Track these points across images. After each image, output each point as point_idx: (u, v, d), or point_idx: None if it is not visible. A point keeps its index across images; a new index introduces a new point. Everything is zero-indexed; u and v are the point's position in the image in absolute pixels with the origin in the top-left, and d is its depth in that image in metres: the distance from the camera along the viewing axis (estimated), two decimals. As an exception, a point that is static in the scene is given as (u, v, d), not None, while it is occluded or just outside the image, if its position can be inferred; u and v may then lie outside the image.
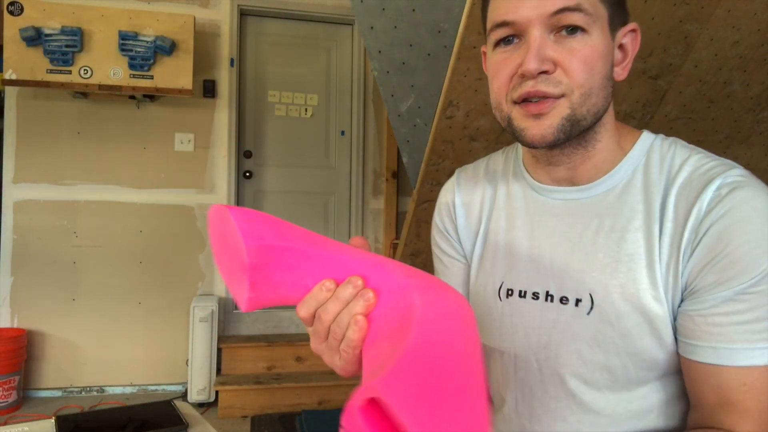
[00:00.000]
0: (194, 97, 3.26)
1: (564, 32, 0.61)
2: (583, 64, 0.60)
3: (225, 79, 3.38)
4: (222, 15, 3.38)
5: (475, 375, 0.42)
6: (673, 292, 0.61)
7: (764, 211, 0.57)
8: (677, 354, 0.63)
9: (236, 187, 3.45)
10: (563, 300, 0.67)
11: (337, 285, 0.50)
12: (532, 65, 0.60)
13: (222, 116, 3.38)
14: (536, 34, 0.60)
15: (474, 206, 0.80)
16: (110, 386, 3.24)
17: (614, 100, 0.73)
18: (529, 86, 0.61)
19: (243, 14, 3.50)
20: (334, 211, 3.70)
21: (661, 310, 0.62)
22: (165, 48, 2.94)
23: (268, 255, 0.50)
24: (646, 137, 0.69)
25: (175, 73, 3.01)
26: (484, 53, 0.71)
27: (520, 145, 0.77)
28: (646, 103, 2.51)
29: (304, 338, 3.37)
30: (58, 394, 3.18)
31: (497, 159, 0.82)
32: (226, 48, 3.38)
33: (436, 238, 0.85)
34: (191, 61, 3.03)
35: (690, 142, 0.68)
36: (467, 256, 0.80)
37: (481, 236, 0.78)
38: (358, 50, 3.67)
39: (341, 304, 0.49)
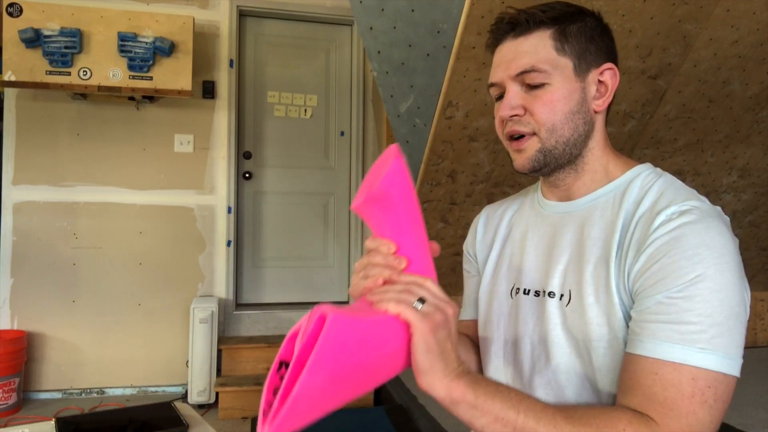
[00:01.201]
0: (194, 98, 3.27)
1: (529, 86, 0.78)
2: (544, 107, 0.78)
3: (224, 80, 3.38)
4: (221, 16, 3.38)
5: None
6: (624, 292, 0.73)
7: (703, 234, 0.67)
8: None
9: (236, 188, 3.45)
10: (550, 294, 0.81)
11: (394, 254, 0.66)
12: (504, 112, 0.80)
13: (221, 117, 3.38)
14: (511, 89, 0.80)
15: (494, 221, 0.98)
16: (110, 388, 3.24)
17: (613, 100, 0.80)
18: (509, 126, 0.81)
19: (242, 15, 3.50)
20: (334, 211, 3.70)
21: (616, 304, 0.73)
22: (164, 49, 2.94)
23: (383, 199, 0.65)
24: (638, 168, 0.82)
25: (174, 74, 3.01)
26: None
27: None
28: (646, 102, 2.51)
29: (305, 339, 3.37)
30: (59, 395, 3.18)
31: (528, 190, 1.00)
32: (225, 49, 3.38)
33: (464, 257, 1.05)
34: (190, 62, 3.03)
35: (689, 141, 0.72)
36: (482, 263, 0.97)
37: (498, 244, 0.94)
38: (358, 51, 3.67)
39: (383, 261, 0.66)
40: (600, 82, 0.80)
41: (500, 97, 0.83)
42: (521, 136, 0.80)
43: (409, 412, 2.64)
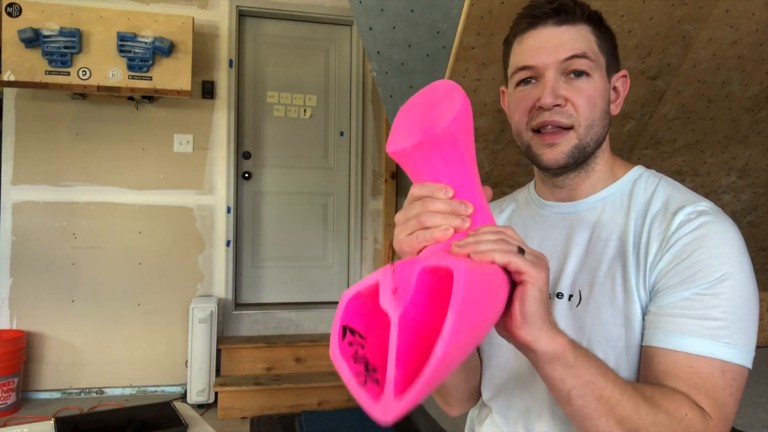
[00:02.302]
0: (193, 98, 3.27)
1: (572, 75, 0.76)
2: (587, 100, 0.76)
3: (224, 80, 3.38)
4: (221, 16, 3.38)
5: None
6: (644, 289, 0.73)
7: (724, 234, 0.70)
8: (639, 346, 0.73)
9: (235, 188, 3.45)
10: (559, 295, 0.80)
11: (453, 198, 0.59)
12: (548, 99, 0.75)
13: (221, 117, 3.38)
14: (551, 76, 0.76)
15: None
16: (109, 387, 3.24)
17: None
18: (546, 116, 0.76)
19: (242, 15, 3.50)
20: (334, 211, 3.70)
21: (632, 305, 0.73)
22: (164, 49, 2.94)
23: (448, 142, 0.57)
24: (637, 170, 0.83)
25: (173, 74, 3.01)
26: (503, 92, 0.88)
27: (535, 179, 0.93)
28: (645, 103, 2.51)
29: (304, 339, 3.37)
30: (58, 395, 3.18)
31: (519, 191, 0.98)
32: (224, 49, 3.38)
33: None
34: (190, 62, 3.03)
35: (689, 142, 0.73)
36: None
37: None
38: (357, 51, 3.67)
39: (446, 207, 0.58)
40: (614, 88, 0.82)
41: (524, 82, 0.79)
42: (557, 129, 0.77)
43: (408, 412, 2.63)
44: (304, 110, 3.62)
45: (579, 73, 0.76)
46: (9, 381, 2.88)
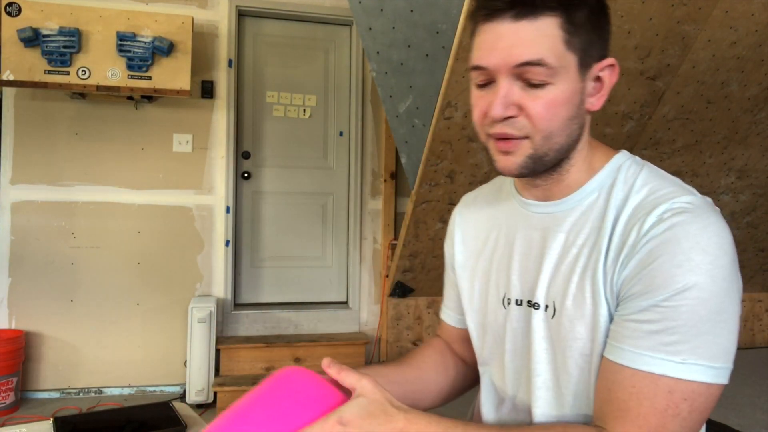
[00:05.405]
0: (192, 97, 3.26)
1: (529, 83, 0.67)
2: (545, 110, 0.67)
3: (223, 80, 3.38)
4: (220, 16, 3.38)
5: None
6: (611, 300, 0.68)
7: (696, 236, 0.63)
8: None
9: (234, 188, 3.45)
10: (536, 306, 0.76)
11: None
12: (497, 111, 0.68)
13: (220, 117, 3.38)
14: (503, 83, 0.68)
15: (472, 229, 0.90)
16: (108, 387, 3.24)
17: (612, 101, 0.78)
18: (497, 128, 0.70)
19: (241, 15, 3.50)
20: (333, 211, 3.70)
21: (602, 316, 0.68)
22: (163, 49, 2.94)
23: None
24: (619, 158, 0.76)
25: (173, 74, 3.01)
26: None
27: None
28: (644, 103, 2.51)
29: (303, 339, 3.37)
30: (56, 395, 3.18)
31: (496, 182, 0.92)
32: (224, 49, 3.38)
33: (445, 258, 0.98)
34: (189, 61, 3.03)
35: (688, 142, 0.71)
36: (470, 271, 0.89)
37: (487, 251, 0.86)
38: (357, 51, 3.67)
39: None
40: (598, 78, 0.71)
41: (484, 84, 0.71)
42: (510, 138, 0.70)
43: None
44: (304, 110, 3.62)
45: (535, 83, 0.67)
46: (8, 381, 2.88)
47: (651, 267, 0.63)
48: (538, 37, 0.65)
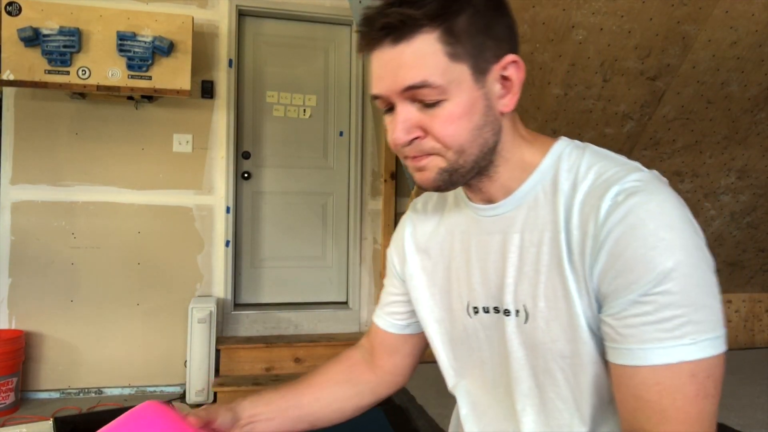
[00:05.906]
0: (192, 97, 3.26)
1: (423, 103, 0.66)
2: (445, 128, 0.66)
3: (223, 80, 3.38)
4: (220, 15, 3.38)
5: None
6: (588, 297, 0.65)
7: (659, 214, 0.61)
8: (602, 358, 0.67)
9: (234, 188, 3.45)
10: (506, 312, 0.73)
11: None
12: (401, 138, 0.67)
13: (220, 117, 3.38)
14: (400, 108, 0.67)
15: (425, 236, 0.86)
16: (108, 387, 3.24)
17: (612, 101, 0.77)
18: (406, 151, 0.69)
19: (241, 15, 3.50)
20: (333, 211, 3.70)
21: (578, 315, 0.66)
22: (163, 48, 2.94)
23: None
24: (558, 147, 0.72)
25: (173, 74, 3.01)
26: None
27: None
28: (644, 103, 2.51)
29: (303, 339, 3.37)
30: (56, 395, 3.17)
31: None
32: (224, 48, 3.38)
33: (387, 264, 0.95)
34: (189, 61, 3.03)
35: (688, 142, 0.70)
36: (427, 281, 0.85)
37: (444, 260, 0.83)
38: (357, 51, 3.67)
39: None
40: (504, 77, 0.68)
41: (389, 109, 0.69)
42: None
43: (407, 412, 2.63)
44: (304, 110, 3.62)
45: (429, 103, 0.65)
46: (8, 381, 2.88)
47: (625, 256, 0.61)
48: (418, 58, 0.63)
